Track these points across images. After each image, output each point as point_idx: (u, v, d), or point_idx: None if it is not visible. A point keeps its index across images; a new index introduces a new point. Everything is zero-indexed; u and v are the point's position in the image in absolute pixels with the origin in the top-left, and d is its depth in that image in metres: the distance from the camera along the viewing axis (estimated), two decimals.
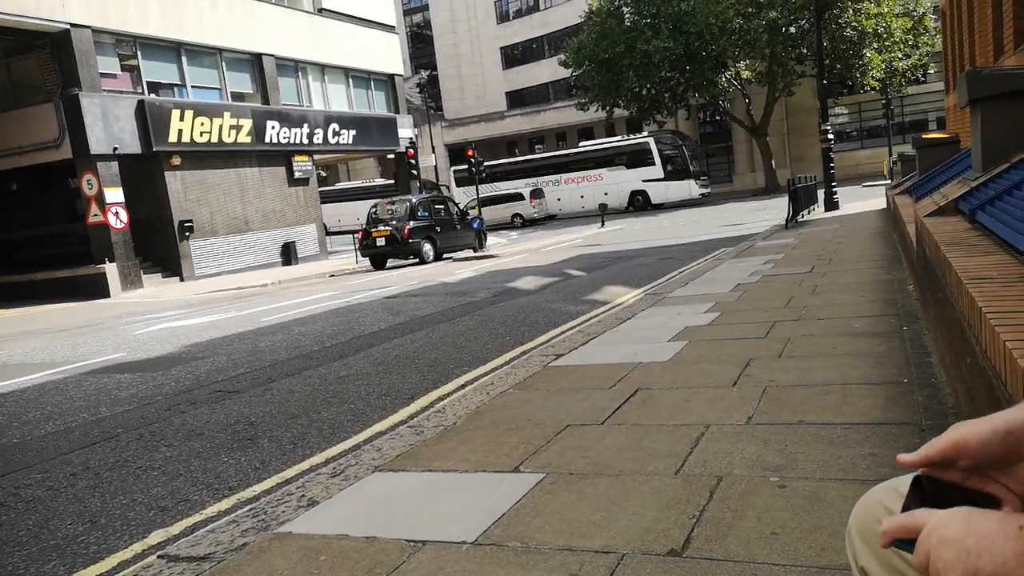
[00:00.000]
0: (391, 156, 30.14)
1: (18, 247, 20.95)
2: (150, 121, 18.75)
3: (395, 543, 2.49)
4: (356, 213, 36.43)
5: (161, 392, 6.21)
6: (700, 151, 35.73)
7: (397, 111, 29.13)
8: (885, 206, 15.49)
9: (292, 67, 24.34)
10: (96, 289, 18.00)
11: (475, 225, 21.16)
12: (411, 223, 18.88)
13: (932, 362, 3.91)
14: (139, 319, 12.85)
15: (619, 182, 34.12)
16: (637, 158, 33.83)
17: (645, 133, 35.58)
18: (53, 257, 19.76)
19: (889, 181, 23.47)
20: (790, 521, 2.30)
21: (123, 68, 19.22)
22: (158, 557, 2.69)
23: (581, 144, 38.08)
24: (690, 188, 32.86)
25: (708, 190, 34.21)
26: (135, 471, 4.15)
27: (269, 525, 2.80)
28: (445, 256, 19.97)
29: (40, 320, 14.39)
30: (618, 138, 36.72)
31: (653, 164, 33.12)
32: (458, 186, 38.37)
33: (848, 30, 30.70)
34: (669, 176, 32.80)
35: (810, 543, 2.15)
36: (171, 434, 4.85)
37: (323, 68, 25.67)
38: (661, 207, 32.93)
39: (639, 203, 33.70)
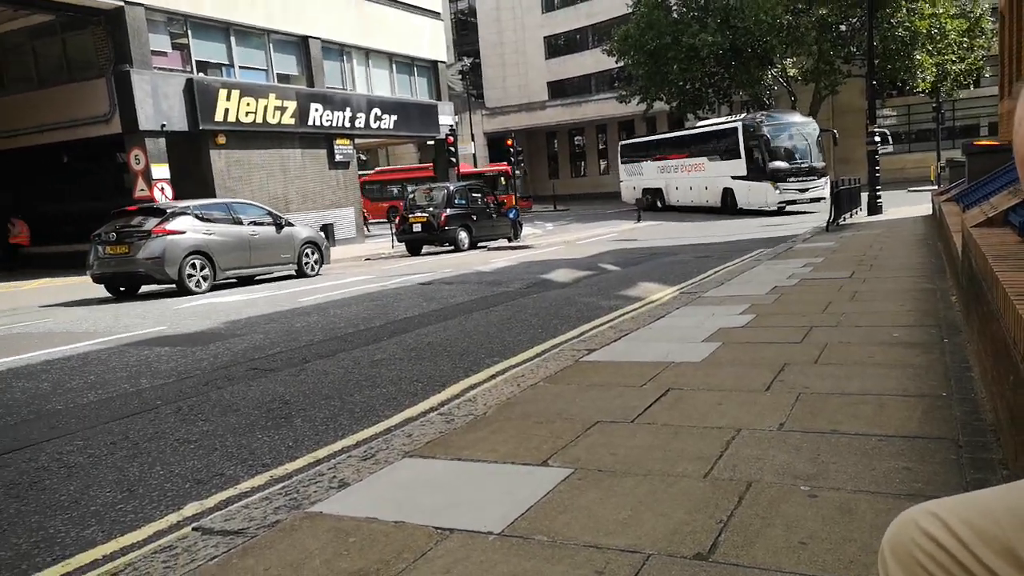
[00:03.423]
0: (431, 142, 30.23)
1: (66, 219, 21.47)
2: (198, 99, 19.05)
3: (423, 529, 2.53)
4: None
5: (199, 367, 6.35)
6: (817, 140, 24.85)
7: (439, 98, 29.19)
8: (930, 213, 15.15)
9: (337, 51, 24.51)
10: None
11: (511, 215, 21.18)
12: (448, 210, 18.97)
13: (973, 376, 3.84)
14: (180, 295, 13.11)
15: (716, 176, 26.77)
16: (726, 148, 26.35)
17: (741, 115, 27.69)
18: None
19: (936, 187, 22.93)
20: (820, 531, 2.29)
21: (174, 46, 19.53)
22: (193, 529, 2.77)
23: (698, 124, 30.84)
24: (766, 194, 23.88)
25: (800, 196, 23.78)
26: (172, 443, 4.26)
27: (301, 504, 2.86)
28: (480, 244, 20.03)
29: (82, 291, 14.77)
30: (723, 119, 29.46)
31: (739, 157, 25.28)
32: (623, 162, 34.20)
33: (900, 30, 29.98)
34: (751, 174, 24.59)
35: (839, 555, 2.14)
36: (208, 409, 4.96)
37: (367, 53, 25.81)
38: (744, 212, 24.79)
39: (728, 204, 26.02)
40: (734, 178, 25.48)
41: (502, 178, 38.07)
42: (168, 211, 12.96)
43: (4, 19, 19.67)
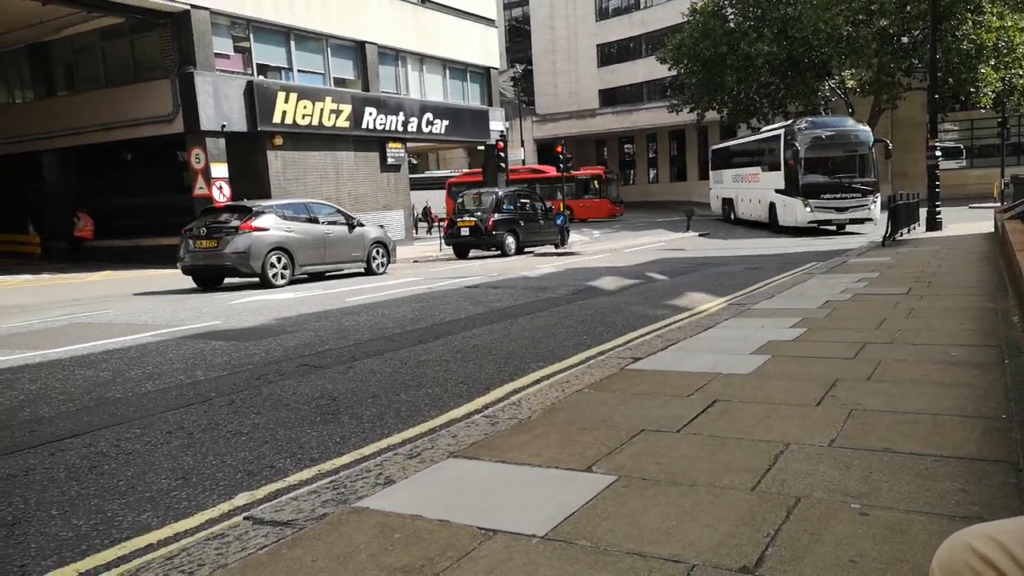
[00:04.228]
0: (481, 148, 30.43)
1: (127, 214, 22.24)
2: (257, 102, 19.53)
3: (467, 529, 2.55)
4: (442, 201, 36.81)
5: (252, 361, 6.51)
6: (868, 151, 21.41)
7: (490, 104, 29.37)
8: (993, 230, 14.67)
9: (393, 56, 24.87)
10: None
11: (558, 221, 21.18)
12: (496, 215, 19.08)
13: None
14: (234, 290, 13.47)
15: (765, 188, 23.85)
16: (771, 157, 23.41)
17: (789, 121, 24.43)
18: (159, 225, 20.88)
19: (999, 204, 22.19)
20: (870, 551, 2.24)
21: (236, 49, 20.06)
22: (244, 518, 2.84)
23: (764, 129, 27.38)
24: (795, 210, 21.21)
25: (838, 216, 20.98)
26: (225, 434, 4.38)
27: (348, 499, 2.91)
28: (527, 250, 20.07)
29: (145, 283, 15.27)
30: (779, 125, 25.54)
31: (779, 168, 22.36)
32: (713, 168, 31.49)
33: (965, 43, 29.08)
34: (787, 188, 21.77)
35: (891, 575, 2.09)
36: (259, 402, 5.08)
37: (422, 58, 26.13)
38: (784, 230, 21.93)
39: (773, 220, 23.12)
40: (777, 191, 22.59)
41: (595, 181, 37.72)
42: (254, 209, 13.87)
43: (78, 21, 20.47)
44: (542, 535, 2.47)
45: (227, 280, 14.22)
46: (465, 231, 19.17)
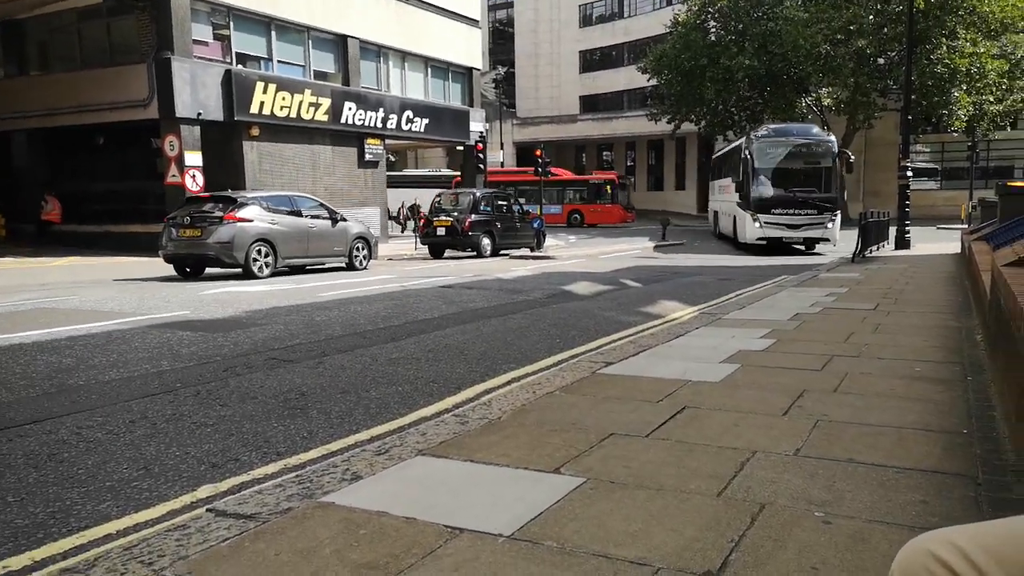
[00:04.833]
0: (460, 148, 30.38)
1: (97, 199, 21.82)
2: (235, 91, 19.29)
3: (433, 527, 2.54)
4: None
5: (220, 353, 6.42)
6: (831, 163, 19.28)
7: (471, 104, 29.34)
8: (959, 251, 14.98)
9: (375, 52, 24.74)
10: None
11: (535, 225, 21.22)
12: (472, 216, 19.05)
13: (995, 416, 3.79)
14: (204, 280, 13.29)
15: (732, 200, 21.91)
16: (734, 168, 21.67)
17: (754, 127, 22.71)
18: (129, 212, 20.55)
19: (966, 226, 22.67)
20: (832, 558, 2.27)
21: (215, 37, 19.81)
22: (207, 510, 2.79)
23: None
24: (745, 225, 19.49)
25: (790, 234, 19.19)
26: (190, 425, 4.31)
27: (313, 493, 2.88)
28: (502, 252, 20.08)
29: (112, 270, 14.99)
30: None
31: (739, 178, 20.50)
32: (713, 179, 29.07)
33: (939, 67, 29.73)
34: (742, 201, 20.04)
35: None
36: (226, 394, 5.02)
37: (404, 55, 26.03)
38: (743, 246, 20.14)
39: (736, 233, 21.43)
40: (737, 204, 20.59)
41: (608, 186, 37.09)
42: (239, 200, 13.88)
43: None
44: (508, 535, 2.47)
45: (208, 270, 14.08)
46: (441, 231, 19.13)
